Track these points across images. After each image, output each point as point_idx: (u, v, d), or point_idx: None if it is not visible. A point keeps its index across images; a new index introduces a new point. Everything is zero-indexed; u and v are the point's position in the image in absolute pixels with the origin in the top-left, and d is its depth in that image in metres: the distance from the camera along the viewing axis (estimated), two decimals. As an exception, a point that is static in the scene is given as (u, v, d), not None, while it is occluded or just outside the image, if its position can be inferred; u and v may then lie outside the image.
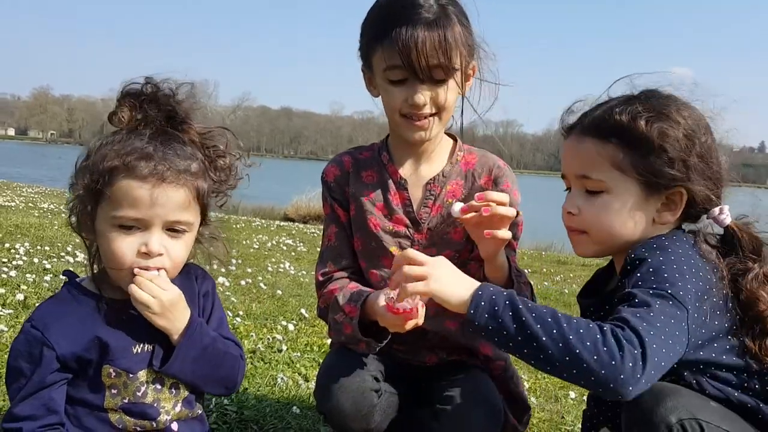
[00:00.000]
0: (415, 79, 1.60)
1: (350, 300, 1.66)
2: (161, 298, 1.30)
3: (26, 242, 5.45)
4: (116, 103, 1.33)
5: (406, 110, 1.65)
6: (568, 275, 7.97)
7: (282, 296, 4.60)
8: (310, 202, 16.04)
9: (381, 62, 1.63)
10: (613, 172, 1.39)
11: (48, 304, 1.33)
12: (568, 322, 1.19)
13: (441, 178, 1.79)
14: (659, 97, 1.42)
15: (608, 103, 1.45)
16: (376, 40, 1.62)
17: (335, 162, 1.87)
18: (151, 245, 1.28)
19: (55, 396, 1.27)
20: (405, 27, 1.56)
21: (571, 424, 2.54)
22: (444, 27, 1.57)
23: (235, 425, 2.20)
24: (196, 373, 1.39)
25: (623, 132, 1.37)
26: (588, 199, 1.43)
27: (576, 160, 1.46)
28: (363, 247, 1.80)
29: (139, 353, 1.33)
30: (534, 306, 1.24)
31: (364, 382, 1.62)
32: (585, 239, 1.47)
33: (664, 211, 1.41)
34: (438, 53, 1.57)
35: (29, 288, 3.75)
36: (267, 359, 2.98)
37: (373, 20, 1.67)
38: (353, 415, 1.61)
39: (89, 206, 1.29)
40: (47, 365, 1.25)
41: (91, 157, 1.29)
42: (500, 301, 1.25)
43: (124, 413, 1.33)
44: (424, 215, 1.77)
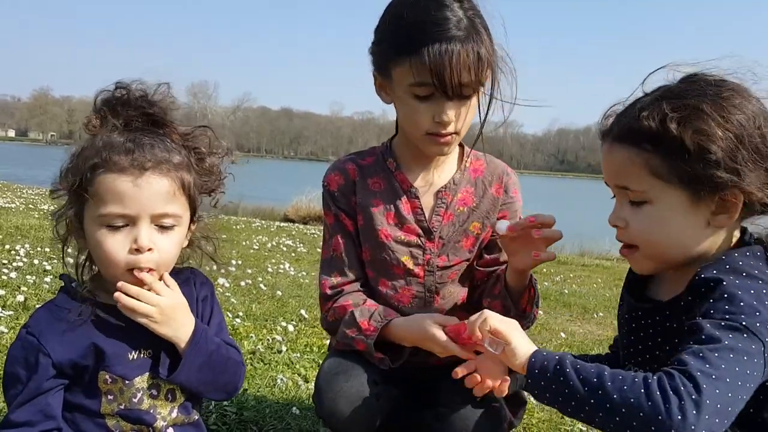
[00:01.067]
0: (443, 96, 1.56)
1: (370, 318, 1.66)
2: (160, 305, 1.29)
3: (26, 244, 5.45)
4: (92, 113, 1.32)
5: (434, 129, 1.61)
6: (568, 275, 7.98)
7: (282, 297, 4.60)
8: (311, 203, 16.06)
9: (407, 77, 1.57)
10: (652, 181, 1.25)
11: (44, 310, 1.32)
12: (612, 381, 1.15)
13: (452, 185, 1.78)
14: (696, 88, 1.25)
15: (637, 104, 1.30)
16: (403, 54, 1.56)
17: (338, 170, 1.82)
18: (141, 240, 1.25)
19: (51, 402, 1.26)
20: (438, 44, 1.51)
21: (570, 424, 2.54)
22: (477, 43, 1.54)
23: (234, 426, 2.20)
24: (201, 380, 1.37)
25: (654, 138, 1.23)
26: (633, 210, 1.31)
27: (612, 170, 1.34)
28: (372, 257, 1.78)
29: (135, 360, 1.32)
30: (582, 368, 1.20)
31: (363, 386, 1.62)
32: (637, 255, 1.35)
33: (719, 214, 1.25)
34: (471, 71, 1.54)
35: (29, 289, 3.76)
36: (267, 360, 2.98)
37: (397, 31, 1.60)
38: (352, 420, 1.60)
39: (75, 209, 1.28)
40: (43, 372, 1.24)
41: (73, 161, 1.29)
42: (550, 365, 1.23)
43: (121, 419, 1.32)
44: (436, 224, 1.76)
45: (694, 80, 1.28)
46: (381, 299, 1.78)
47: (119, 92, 1.32)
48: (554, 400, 1.23)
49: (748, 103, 1.23)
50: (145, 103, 1.34)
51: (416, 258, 1.76)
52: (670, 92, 1.27)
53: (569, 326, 4.76)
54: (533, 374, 1.25)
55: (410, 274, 1.77)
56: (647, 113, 1.24)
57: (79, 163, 1.27)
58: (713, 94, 1.22)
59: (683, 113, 1.21)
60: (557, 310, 5.35)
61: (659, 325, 1.36)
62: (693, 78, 1.28)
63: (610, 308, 5.63)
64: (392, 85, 1.65)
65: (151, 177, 1.26)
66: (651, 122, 1.23)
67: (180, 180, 1.31)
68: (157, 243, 1.28)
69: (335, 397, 1.60)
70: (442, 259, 1.77)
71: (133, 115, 1.32)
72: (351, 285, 1.79)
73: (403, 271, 1.77)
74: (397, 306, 1.77)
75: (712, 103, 1.21)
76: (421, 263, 1.77)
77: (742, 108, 1.22)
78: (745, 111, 1.22)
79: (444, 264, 1.77)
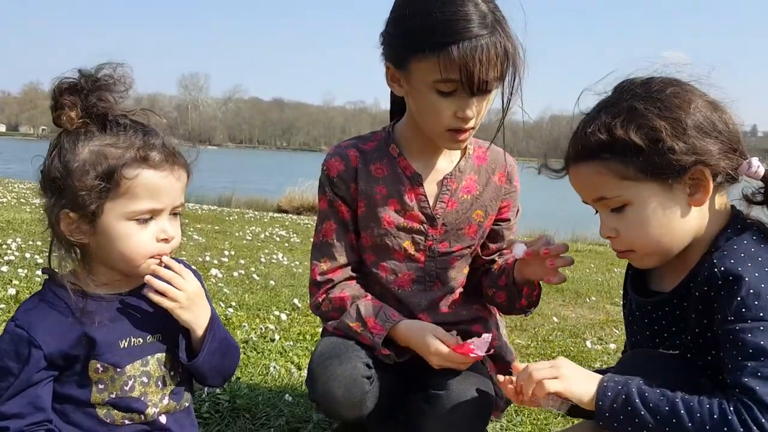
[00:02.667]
0: (467, 92, 1.56)
1: (377, 317, 1.70)
2: (187, 291, 1.33)
3: (18, 238, 5.44)
4: (54, 102, 1.28)
5: (455, 123, 1.61)
6: (561, 261, 7.99)
7: (275, 287, 4.61)
8: (303, 194, 16.07)
9: (432, 73, 1.55)
10: (623, 183, 1.31)
11: (31, 302, 1.32)
12: (690, 416, 1.18)
13: (457, 173, 1.80)
14: (626, 92, 1.34)
15: (581, 125, 1.38)
16: (428, 50, 1.53)
17: (339, 155, 1.80)
18: (170, 231, 1.32)
19: (41, 394, 1.27)
20: (467, 41, 1.50)
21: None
22: (503, 38, 1.53)
23: (227, 414, 2.21)
24: (212, 365, 1.40)
25: (608, 146, 1.30)
26: (618, 217, 1.36)
27: (584, 187, 1.40)
28: (373, 243, 1.80)
29: (126, 348, 1.33)
30: (654, 405, 1.22)
31: (356, 369, 1.63)
32: (636, 256, 1.40)
33: (695, 193, 1.31)
34: (497, 67, 1.54)
35: (21, 283, 3.77)
36: (260, 349, 3.00)
37: (422, 26, 1.55)
38: (346, 403, 1.61)
39: (94, 206, 1.25)
40: (35, 364, 1.25)
41: (77, 159, 1.24)
42: (619, 404, 1.25)
43: (112, 407, 1.33)
44: (440, 210, 1.77)
45: (623, 86, 1.37)
46: (380, 283, 1.80)
47: (84, 81, 1.28)
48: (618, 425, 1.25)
49: (680, 89, 1.31)
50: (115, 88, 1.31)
51: (418, 244, 1.78)
52: (605, 104, 1.37)
53: (562, 311, 4.79)
54: (604, 417, 1.26)
55: (411, 259, 1.79)
56: (592, 128, 1.32)
57: (96, 161, 1.24)
58: (643, 92, 1.31)
59: (622, 117, 1.29)
60: (550, 295, 5.37)
61: (670, 316, 1.39)
62: (621, 85, 1.37)
63: (602, 292, 5.67)
64: (410, 79, 1.63)
65: (179, 171, 1.32)
66: (600, 135, 1.31)
67: (188, 168, 1.36)
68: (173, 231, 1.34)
69: (328, 381, 1.62)
70: (443, 246, 1.79)
71: (103, 103, 1.29)
72: (341, 271, 1.80)
73: (404, 256, 1.79)
74: (396, 290, 1.80)
75: (644, 99, 1.30)
76: (422, 249, 1.79)
77: (675, 94, 1.30)
78: (679, 96, 1.30)
79: (446, 250, 1.80)
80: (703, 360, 1.33)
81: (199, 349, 1.38)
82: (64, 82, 1.28)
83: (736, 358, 1.20)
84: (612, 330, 4.21)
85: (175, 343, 1.40)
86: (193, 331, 1.38)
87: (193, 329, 1.37)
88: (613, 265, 7.94)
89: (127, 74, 1.32)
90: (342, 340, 1.72)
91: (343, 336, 1.73)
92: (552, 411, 2.45)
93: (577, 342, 3.81)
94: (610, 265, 7.89)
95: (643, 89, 1.32)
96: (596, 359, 3.39)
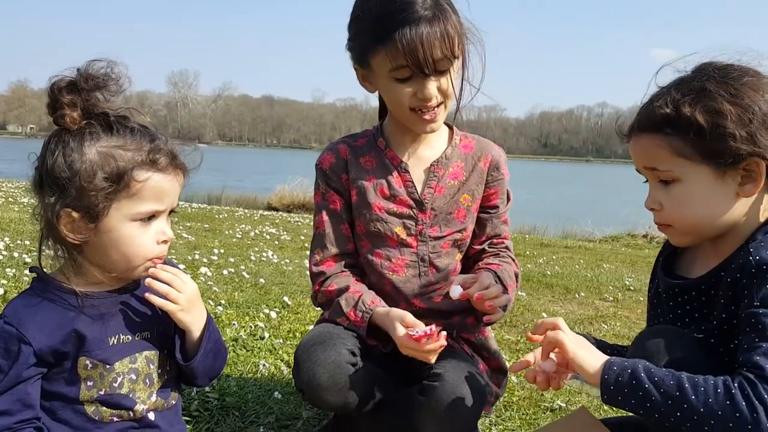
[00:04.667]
0: (421, 75, 1.65)
1: (356, 308, 1.75)
2: (187, 292, 1.35)
3: (6, 237, 5.41)
4: (52, 100, 1.26)
5: (415, 104, 1.71)
6: (551, 257, 8.04)
7: (265, 285, 4.60)
8: (294, 191, 16.01)
9: (385, 63, 1.67)
10: (678, 160, 1.34)
11: (20, 300, 1.32)
12: (695, 392, 1.19)
13: (444, 159, 1.88)
14: (702, 74, 1.36)
15: (652, 98, 1.42)
16: (377, 42, 1.65)
17: (331, 150, 1.91)
18: (169, 233, 1.35)
19: (30, 391, 1.27)
20: (407, 27, 1.60)
21: (550, 401, 2.57)
22: (444, 20, 1.62)
23: (216, 412, 2.21)
24: (205, 366, 1.43)
25: (672, 122, 1.33)
26: (665, 190, 1.39)
27: (640, 156, 1.43)
28: (367, 230, 1.86)
29: (115, 345, 1.34)
30: (659, 379, 1.23)
31: (340, 355, 1.66)
32: (673, 232, 1.44)
33: (746, 183, 1.33)
34: (442, 47, 1.63)
35: (9, 282, 3.74)
36: (249, 347, 2.99)
37: (369, 22, 1.68)
38: (330, 388, 1.64)
39: (101, 206, 1.25)
40: (24, 360, 1.25)
41: (84, 159, 1.24)
42: (625, 379, 1.26)
43: (101, 404, 1.33)
44: (428, 196, 1.85)
45: (702, 68, 1.38)
46: (376, 270, 1.87)
47: (84, 80, 1.27)
48: (634, 411, 1.27)
49: (757, 80, 1.33)
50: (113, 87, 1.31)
51: (409, 228, 1.85)
52: (679, 81, 1.39)
53: (551, 306, 4.81)
54: (608, 390, 1.28)
55: (403, 244, 1.85)
56: (660, 102, 1.35)
57: (104, 162, 1.25)
58: (719, 75, 1.33)
59: (692, 95, 1.32)
60: (540, 291, 5.39)
61: (696, 301, 1.43)
62: (701, 66, 1.39)
63: (591, 288, 5.69)
64: (374, 75, 1.74)
65: (180, 173, 1.35)
66: (666, 109, 1.34)
67: (186, 171, 1.38)
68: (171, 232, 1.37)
69: (313, 366, 1.64)
70: (434, 230, 1.86)
71: (105, 102, 1.30)
72: (334, 262, 1.87)
73: (396, 242, 1.86)
74: (391, 276, 1.85)
75: (718, 82, 1.31)
76: (413, 233, 1.86)
77: (750, 84, 1.31)
78: (753, 86, 1.31)
79: (436, 234, 1.86)
80: (724, 347, 1.35)
81: (194, 349, 1.40)
82: (63, 81, 1.27)
83: (753, 338, 1.22)
84: (600, 325, 4.24)
85: (163, 342, 1.42)
86: (190, 333, 1.39)
87: (190, 331, 1.39)
88: (602, 261, 7.99)
89: (123, 73, 1.33)
90: (329, 328, 1.76)
91: (333, 323, 1.79)
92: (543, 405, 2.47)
93: (566, 337, 3.82)
94: (599, 261, 7.94)
95: (720, 73, 1.34)
96: (585, 354, 3.41)
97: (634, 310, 4.89)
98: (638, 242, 12.42)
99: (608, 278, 6.38)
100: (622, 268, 7.44)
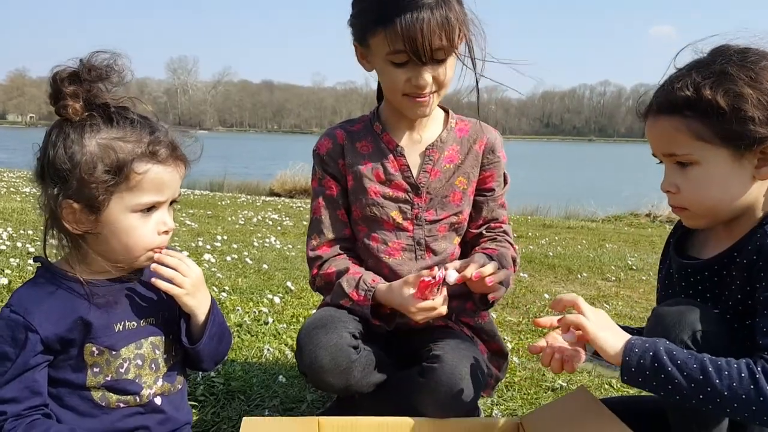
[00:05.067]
0: (418, 62, 1.65)
1: (357, 288, 1.76)
2: (192, 277, 1.38)
3: (9, 227, 5.43)
4: (55, 91, 1.27)
5: (409, 90, 1.72)
6: (554, 238, 8.05)
7: (268, 270, 4.63)
8: (296, 176, 16.04)
9: (383, 46, 1.66)
10: (696, 143, 1.35)
11: (25, 289, 1.34)
12: (719, 375, 1.22)
13: (439, 143, 1.88)
14: (722, 57, 1.36)
15: (671, 79, 1.42)
16: (377, 24, 1.65)
17: (328, 135, 1.93)
18: (170, 223, 1.37)
19: (38, 378, 1.29)
20: (409, 13, 1.59)
21: (551, 381, 2.60)
22: (446, 9, 1.61)
23: (222, 396, 2.24)
24: (210, 348, 1.46)
25: (692, 104, 1.34)
26: (682, 173, 1.40)
27: (658, 140, 1.43)
28: (363, 214, 1.88)
29: (121, 331, 1.36)
30: (682, 362, 1.25)
31: (342, 338, 1.68)
32: (688, 215, 1.45)
33: (762, 166, 1.35)
34: (442, 36, 1.62)
35: (13, 272, 3.76)
36: (253, 332, 3.02)
37: (372, 3, 1.68)
38: (332, 371, 1.66)
39: (101, 198, 1.27)
40: (31, 348, 1.27)
41: (85, 151, 1.25)
42: (647, 362, 1.28)
43: (107, 390, 1.36)
44: (423, 179, 1.85)
45: (720, 50, 1.39)
46: (373, 254, 1.88)
47: (87, 71, 1.28)
48: (654, 392, 1.29)
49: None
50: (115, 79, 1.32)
51: (405, 213, 1.86)
52: (699, 63, 1.39)
53: (553, 287, 4.83)
54: (629, 372, 1.30)
55: (399, 228, 1.87)
56: (681, 84, 1.36)
57: (103, 154, 1.26)
58: (738, 59, 1.34)
59: (713, 78, 1.32)
60: (542, 273, 5.41)
61: (708, 281, 1.45)
62: (719, 49, 1.39)
63: (594, 269, 5.71)
64: (372, 55, 1.74)
65: (181, 164, 1.36)
66: (686, 91, 1.34)
67: (187, 162, 1.40)
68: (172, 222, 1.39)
69: (315, 349, 1.66)
70: (430, 213, 1.87)
71: (106, 94, 1.30)
72: (330, 247, 1.89)
73: (392, 226, 1.87)
74: (387, 260, 1.86)
75: (738, 66, 1.32)
76: (409, 217, 1.86)
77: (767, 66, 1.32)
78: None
79: (432, 218, 1.87)
80: (738, 328, 1.37)
81: (199, 333, 1.43)
82: (65, 71, 1.27)
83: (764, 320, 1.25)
84: (602, 305, 4.26)
85: (168, 327, 1.44)
86: (195, 317, 1.42)
87: (195, 314, 1.42)
88: (604, 241, 8.00)
89: (126, 65, 1.33)
90: (331, 312, 1.77)
91: (335, 307, 1.80)
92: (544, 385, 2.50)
93: (568, 318, 3.84)
94: (601, 242, 7.95)
95: (739, 56, 1.35)
96: (586, 334, 3.43)
97: (636, 289, 4.91)
98: (641, 221, 12.44)
99: (611, 258, 6.39)
100: (624, 248, 7.46)
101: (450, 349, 1.68)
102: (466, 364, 1.66)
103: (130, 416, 1.38)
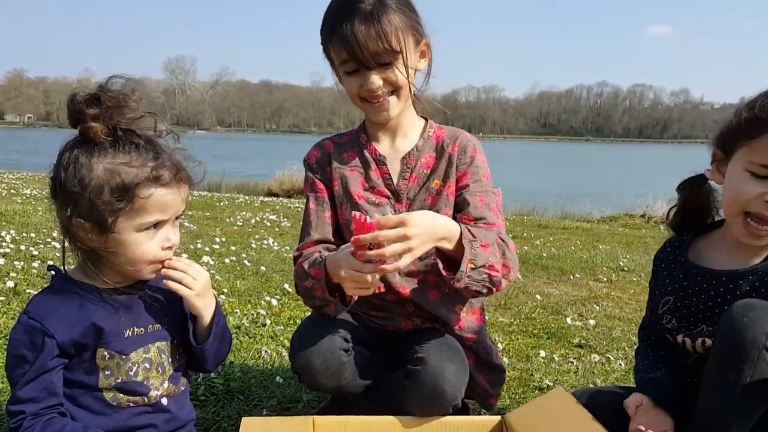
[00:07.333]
0: (364, 68, 1.78)
1: (314, 264, 1.79)
2: (201, 280, 1.49)
3: (11, 230, 5.51)
4: (76, 111, 1.34)
5: (364, 94, 1.84)
6: (548, 239, 8.15)
7: (266, 272, 4.72)
8: (293, 177, 16.06)
9: (336, 57, 1.81)
10: None
11: (42, 296, 1.44)
12: None
13: (415, 152, 1.97)
14: None
15: None
16: (329, 36, 1.79)
17: (317, 146, 2.05)
18: (174, 239, 1.47)
19: (54, 380, 1.39)
20: (345, 23, 1.71)
21: (539, 381, 2.70)
22: (379, 16, 1.72)
23: (222, 396, 2.34)
24: (214, 348, 1.57)
25: None
26: None
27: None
28: (349, 219, 1.92)
29: (130, 337, 1.47)
30: None
31: (333, 342, 1.77)
32: None
33: None
34: (377, 42, 1.73)
35: (18, 275, 3.86)
36: (252, 334, 3.12)
37: (326, 18, 1.81)
38: (324, 372, 1.75)
39: (109, 220, 1.35)
40: (48, 352, 1.37)
41: (92, 176, 1.33)
42: None
43: (118, 391, 1.46)
44: (403, 187, 1.94)
45: None
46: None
47: (108, 98, 1.35)
48: None
49: None
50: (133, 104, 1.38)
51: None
52: None
53: (545, 288, 4.92)
54: None
55: None
56: None
57: (110, 178, 1.34)
58: None
59: None
60: (535, 273, 5.51)
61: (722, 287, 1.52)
62: None
63: (586, 269, 5.80)
64: (334, 66, 1.88)
65: (183, 185, 1.46)
66: None
67: (190, 181, 1.50)
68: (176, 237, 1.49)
69: (308, 352, 1.76)
70: None
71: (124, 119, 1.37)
72: (314, 245, 1.93)
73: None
74: None
75: None
76: None
77: None
78: None
79: None
80: None
81: (205, 334, 1.55)
82: (86, 94, 1.34)
83: None
84: (593, 306, 4.36)
85: (173, 333, 1.55)
86: (202, 318, 1.54)
87: (202, 316, 1.53)
88: (598, 242, 8.10)
89: (144, 93, 1.43)
90: (321, 318, 1.86)
91: (322, 316, 1.86)
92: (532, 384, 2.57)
93: (558, 318, 3.94)
94: (595, 242, 8.05)
95: None
96: (575, 335, 3.54)
97: (626, 290, 5.01)
98: (636, 222, 12.52)
99: (603, 259, 6.49)
100: (617, 249, 7.55)
101: (433, 351, 1.77)
102: (448, 365, 1.74)
103: (139, 415, 1.48)
